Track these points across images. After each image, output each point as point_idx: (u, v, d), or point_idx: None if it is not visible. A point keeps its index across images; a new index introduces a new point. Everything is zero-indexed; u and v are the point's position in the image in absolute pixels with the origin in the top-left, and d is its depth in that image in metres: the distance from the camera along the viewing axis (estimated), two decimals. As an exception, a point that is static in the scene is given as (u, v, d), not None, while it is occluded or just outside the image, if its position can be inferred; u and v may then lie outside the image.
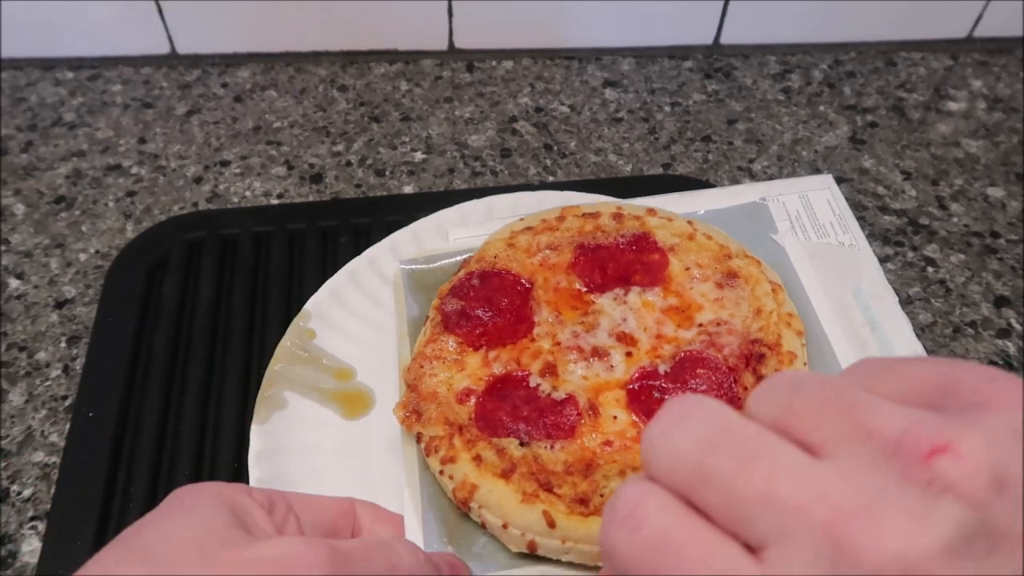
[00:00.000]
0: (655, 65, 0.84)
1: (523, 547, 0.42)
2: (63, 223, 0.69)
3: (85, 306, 0.62)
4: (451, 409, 0.47)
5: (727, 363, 0.48)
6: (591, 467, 0.44)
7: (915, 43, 0.86)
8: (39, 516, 0.51)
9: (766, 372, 0.47)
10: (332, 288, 0.56)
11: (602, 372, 0.49)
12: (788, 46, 0.86)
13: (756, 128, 0.78)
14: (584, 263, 0.54)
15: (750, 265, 0.53)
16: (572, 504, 0.42)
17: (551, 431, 0.46)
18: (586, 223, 0.56)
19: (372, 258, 0.58)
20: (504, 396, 0.48)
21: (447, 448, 0.45)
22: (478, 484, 0.44)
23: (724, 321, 0.50)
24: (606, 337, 0.50)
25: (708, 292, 0.52)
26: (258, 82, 0.82)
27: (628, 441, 0.45)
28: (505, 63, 0.84)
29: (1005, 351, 0.61)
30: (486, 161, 0.74)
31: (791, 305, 0.52)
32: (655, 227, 0.55)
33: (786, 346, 0.49)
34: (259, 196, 0.71)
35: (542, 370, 0.49)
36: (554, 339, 0.50)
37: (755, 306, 0.51)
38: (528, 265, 0.54)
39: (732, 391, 0.47)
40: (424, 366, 0.49)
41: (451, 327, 0.51)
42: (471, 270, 0.53)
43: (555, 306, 0.52)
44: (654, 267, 0.53)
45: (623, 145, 0.76)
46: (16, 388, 0.58)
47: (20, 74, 0.81)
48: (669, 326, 0.51)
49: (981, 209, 0.71)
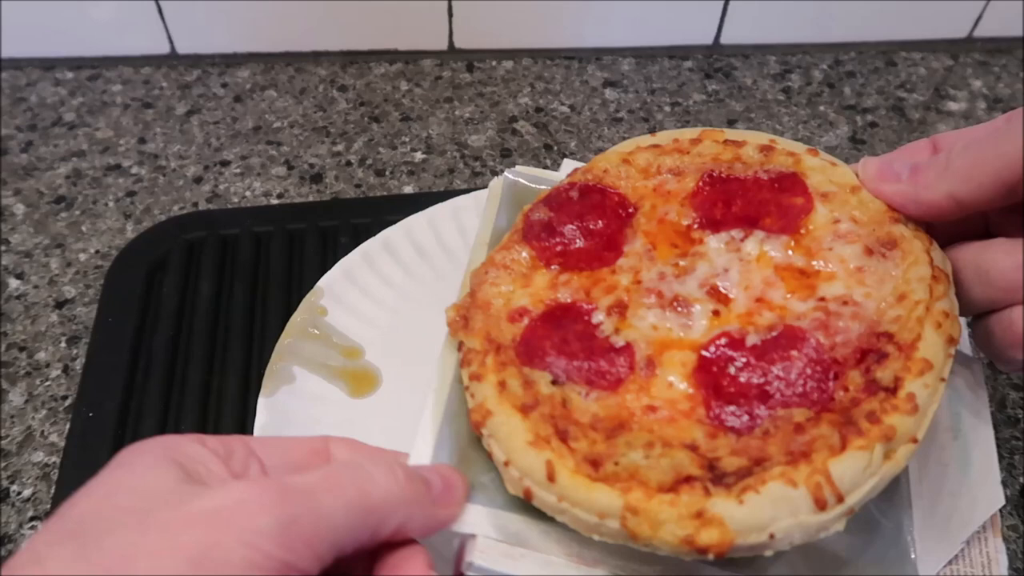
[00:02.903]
0: (655, 65, 0.84)
1: (519, 492, 0.38)
2: (63, 223, 0.69)
3: (85, 306, 0.62)
4: (497, 325, 0.42)
5: (833, 354, 0.38)
6: (620, 428, 0.37)
7: (915, 43, 0.86)
8: (39, 516, 0.51)
9: (883, 376, 0.37)
10: (346, 267, 0.57)
11: (676, 327, 0.41)
12: (788, 46, 0.86)
13: (756, 128, 0.78)
14: (708, 194, 0.45)
15: (916, 239, 0.41)
16: (581, 463, 0.36)
17: (593, 377, 0.40)
18: (725, 151, 0.46)
19: (387, 240, 0.59)
20: (558, 326, 0.42)
21: (479, 364, 0.41)
22: (493, 411, 0.39)
23: (854, 301, 0.40)
24: (696, 287, 0.42)
25: (850, 257, 0.41)
26: (258, 82, 0.82)
27: (676, 413, 0.38)
28: (505, 63, 0.84)
29: (1005, 351, 0.61)
30: (486, 161, 0.74)
31: (952, 302, 0.39)
32: (811, 168, 0.44)
33: (923, 351, 0.37)
34: (259, 196, 0.71)
35: (610, 307, 0.42)
36: (636, 276, 0.43)
37: (901, 290, 0.39)
38: (640, 187, 0.46)
39: (827, 389, 0.38)
40: (489, 272, 0.44)
41: (530, 237, 0.45)
42: (575, 180, 0.47)
43: (653, 239, 0.44)
44: (793, 212, 0.43)
45: (623, 145, 0.76)
46: (16, 388, 0.58)
47: (20, 74, 0.81)
48: (779, 290, 0.41)
49: (981, 209, 0.71)
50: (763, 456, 0.35)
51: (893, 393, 0.36)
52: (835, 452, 0.34)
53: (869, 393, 0.37)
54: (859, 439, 0.35)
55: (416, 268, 0.58)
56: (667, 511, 0.34)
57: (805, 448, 0.35)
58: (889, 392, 0.36)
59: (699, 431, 0.37)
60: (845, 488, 0.34)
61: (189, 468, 0.32)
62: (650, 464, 0.36)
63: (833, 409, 0.37)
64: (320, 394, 0.52)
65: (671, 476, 0.35)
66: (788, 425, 0.36)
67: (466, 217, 0.60)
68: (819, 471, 0.34)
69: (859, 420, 0.36)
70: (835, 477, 0.34)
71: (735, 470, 0.35)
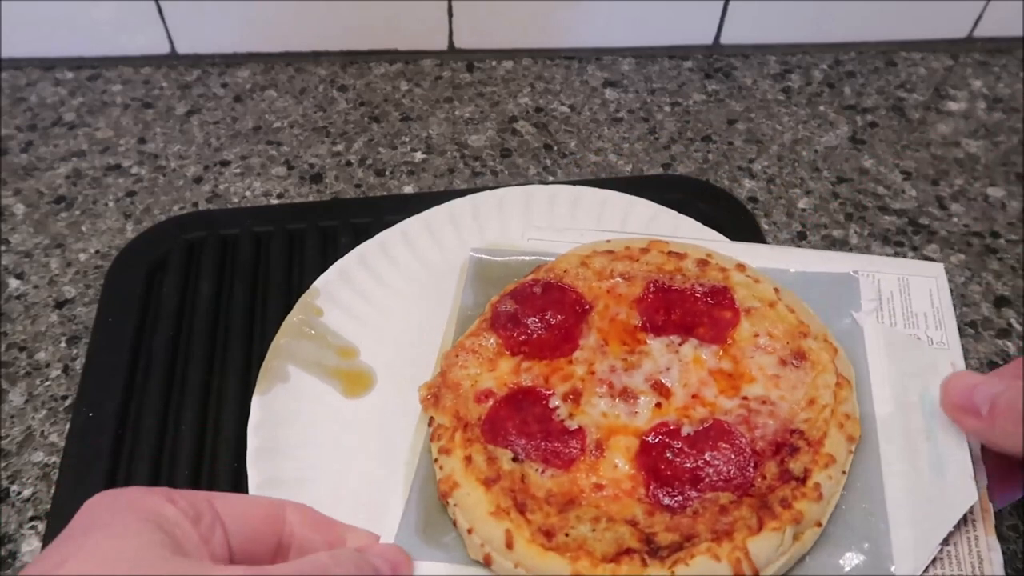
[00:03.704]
0: (655, 65, 0.84)
1: (480, 557, 0.42)
2: (63, 223, 0.69)
3: (85, 306, 0.63)
4: (465, 404, 0.48)
5: (753, 446, 0.45)
6: (571, 504, 0.43)
7: (915, 43, 0.86)
8: (39, 516, 0.51)
9: (794, 467, 0.43)
10: (341, 268, 0.57)
11: (624, 415, 0.47)
12: (788, 46, 0.86)
13: (756, 128, 0.78)
14: (652, 301, 0.52)
15: (824, 351, 0.48)
16: (536, 533, 0.41)
17: (549, 456, 0.45)
18: (669, 261, 0.54)
19: (383, 242, 0.59)
20: (519, 408, 0.47)
21: (448, 439, 0.46)
22: (460, 483, 0.44)
23: (771, 401, 0.47)
24: (642, 381, 0.48)
25: (767, 366, 0.49)
26: (258, 82, 0.82)
27: (620, 492, 0.44)
28: (505, 63, 0.84)
29: (1005, 351, 0.61)
30: (486, 161, 0.74)
31: (853, 406, 0.47)
32: (738, 284, 0.52)
33: (828, 447, 0.44)
34: (259, 196, 0.71)
35: (566, 394, 0.48)
36: (590, 367, 0.49)
37: (811, 395, 0.47)
38: (595, 288, 0.53)
39: (748, 475, 0.44)
40: (459, 356, 0.50)
41: (497, 327, 0.51)
42: (538, 277, 0.53)
43: (605, 335, 0.51)
44: (722, 324, 0.51)
45: (623, 145, 0.76)
46: (16, 388, 0.58)
47: (20, 74, 0.81)
48: (711, 389, 0.48)
49: (981, 209, 0.71)
50: (692, 533, 0.41)
51: (803, 482, 0.43)
52: (753, 532, 0.41)
53: (783, 481, 0.43)
54: (773, 521, 0.41)
55: (412, 271, 0.58)
56: None
57: (728, 527, 0.41)
58: (799, 481, 0.43)
59: (639, 508, 0.43)
60: (760, 564, 0.41)
61: (166, 530, 0.33)
62: (596, 536, 0.41)
63: (752, 494, 0.43)
64: (314, 393, 0.52)
65: (614, 547, 0.41)
66: (714, 506, 0.42)
67: (463, 221, 0.60)
68: (739, 548, 0.40)
69: (773, 505, 0.42)
70: (752, 554, 0.40)
71: (668, 544, 0.41)
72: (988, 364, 0.60)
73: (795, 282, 0.53)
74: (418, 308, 0.56)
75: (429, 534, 0.44)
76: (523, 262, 0.56)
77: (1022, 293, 0.64)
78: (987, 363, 0.60)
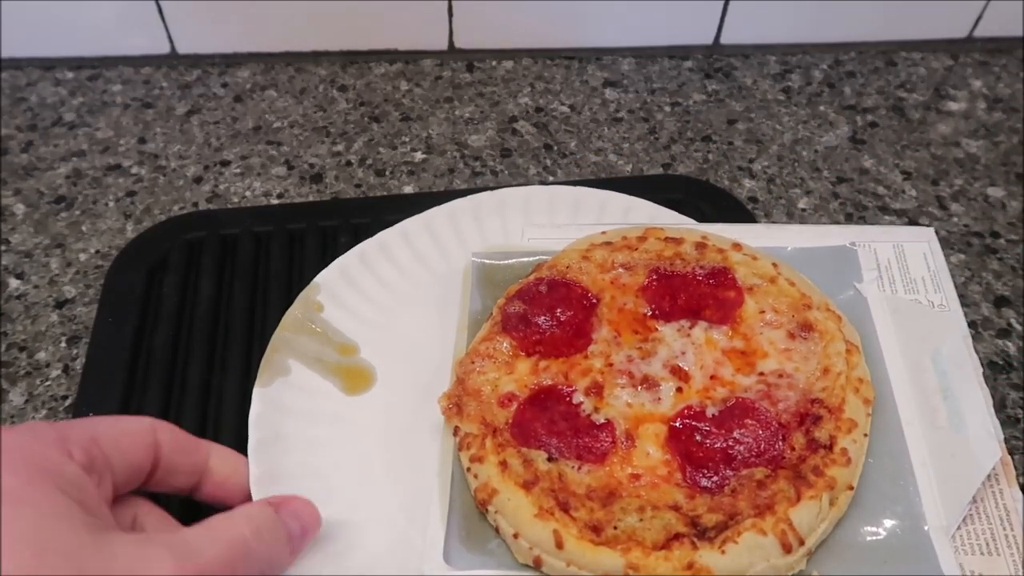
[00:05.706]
0: (655, 65, 0.85)
1: (529, 560, 0.43)
2: (63, 223, 0.69)
3: (85, 306, 0.62)
4: (490, 410, 0.48)
5: (779, 419, 0.46)
6: (612, 497, 0.43)
7: (915, 43, 0.86)
8: (39, 516, 0.51)
9: (820, 435, 0.45)
10: (341, 266, 0.58)
11: (648, 403, 0.48)
12: (788, 46, 0.86)
13: (756, 128, 0.78)
14: (656, 288, 0.53)
15: (829, 320, 0.50)
16: (584, 529, 0.42)
17: (582, 452, 0.45)
18: (667, 247, 0.55)
19: (383, 242, 0.59)
20: (544, 408, 0.48)
21: (478, 447, 0.46)
22: (499, 489, 0.44)
23: (787, 374, 0.48)
24: (660, 368, 0.49)
25: (778, 340, 0.50)
26: (258, 82, 0.82)
27: (656, 479, 0.44)
28: (505, 63, 0.84)
29: (1005, 351, 0.61)
30: (486, 161, 0.75)
31: (864, 370, 0.49)
32: (737, 263, 0.53)
33: (848, 412, 0.46)
34: (259, 196, 0.71)
35: (588, 389, 0.48)
36: (607, 360, 0.50)
37: (824, 364, 0.48)
38: (599, 280, 0.53)
39: (778, 448, 0.45)
40: (475, 362, 0.50)
41: (509, 329, 0.51)
42: (541, 276, 0.53)
43: (616, 326, 0.51)
44: (727, 304, 0.52)
45: (623, 145, 0.76)
46: (16, 388, 0.58)
47: (20, 74, 0.81)
48: (727, 368, 0.49)
49: (981, 209, 0.71)
50: (735, 511, 0.42)
51: (830, 449, 0.44)
52: (792, 503, 0.42)
53: (811, 450, 0.44)
54: (810, 490, 0.42)
55: (412, 270, 0.59)
56: (663, 565, 0.40)
57: (768, 501, 0.42)
58: (826, 448, 0.44)
59: (679, 493, 0.44)
60: (804, 532, 0.42)
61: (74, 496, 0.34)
62: (644, 525, 0.42)
63: (785, 466, 0.44)
64: (315, 388, 0.52)
65: (663, 535, 0.41)
66: (751, 482, 0.43)
67: (463, 221, 0.60)
68: (782, 520, 0.41)
69: (807, 474, 0.43)
70: (796, 524, 0.42)
71: (714, 525, 0.42)
72: (988, 364, 0.60)
73: (794, 259, 0.55)
74: (419, 308, 0.56)
75: (473, 542, 0.44)
76: (524, 263, 0.56)
77: (1022, 293, 0.64)
78: (987, 363, 0.60)
